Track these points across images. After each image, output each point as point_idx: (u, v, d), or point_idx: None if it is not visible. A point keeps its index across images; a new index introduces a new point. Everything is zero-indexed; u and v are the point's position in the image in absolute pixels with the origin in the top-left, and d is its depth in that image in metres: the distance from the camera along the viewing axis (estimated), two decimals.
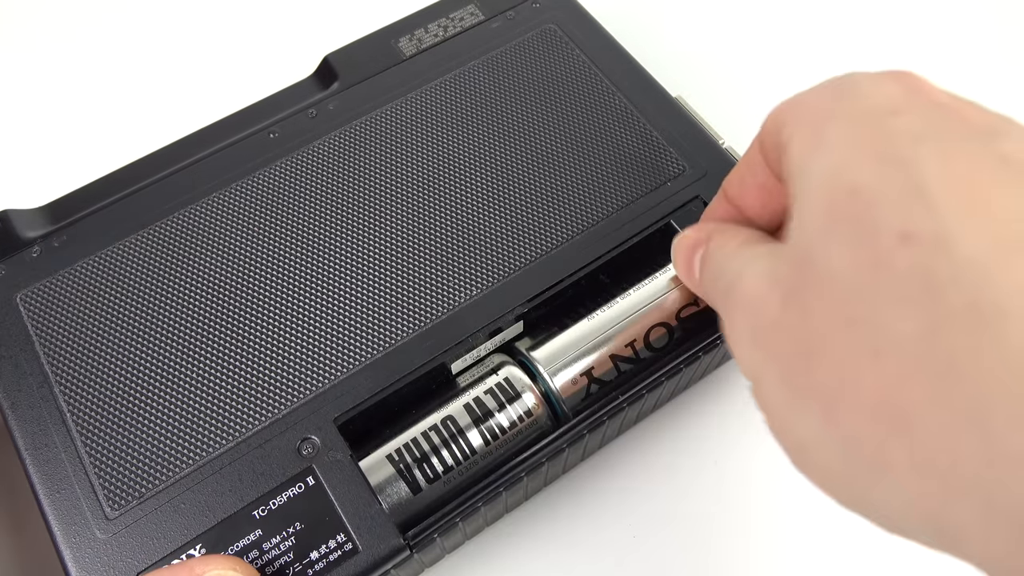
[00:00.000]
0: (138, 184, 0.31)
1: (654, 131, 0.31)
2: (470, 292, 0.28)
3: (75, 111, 0.42)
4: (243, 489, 0.25)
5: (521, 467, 0.25)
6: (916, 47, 0.42)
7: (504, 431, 0.26)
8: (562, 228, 0.29)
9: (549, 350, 0.27)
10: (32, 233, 0.30)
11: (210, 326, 0.27)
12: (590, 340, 0.27)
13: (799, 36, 0.43)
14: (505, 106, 0.32)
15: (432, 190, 0.30)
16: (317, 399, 0.26)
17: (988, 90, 0.40)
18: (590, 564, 0.29)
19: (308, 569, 0.24)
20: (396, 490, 0.25)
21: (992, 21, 0.43)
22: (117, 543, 0.24)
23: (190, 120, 0.34)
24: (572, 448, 0.27)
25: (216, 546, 0.24)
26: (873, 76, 0.18)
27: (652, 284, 0.28)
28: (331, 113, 0.32)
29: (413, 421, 0.26)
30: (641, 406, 0.28)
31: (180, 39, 0.44)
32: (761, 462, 0.30)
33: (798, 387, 0.17)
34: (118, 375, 0.27)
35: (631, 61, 0.34)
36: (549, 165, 0.31)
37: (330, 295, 0.28)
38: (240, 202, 0.30)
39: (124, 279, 0.28)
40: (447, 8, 0.35)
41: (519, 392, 0.27)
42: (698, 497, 0.30)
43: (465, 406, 0.26)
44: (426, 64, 0.34)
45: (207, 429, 0.26)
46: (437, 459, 0.25)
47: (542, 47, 0.34)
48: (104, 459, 0.25)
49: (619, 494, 0.30)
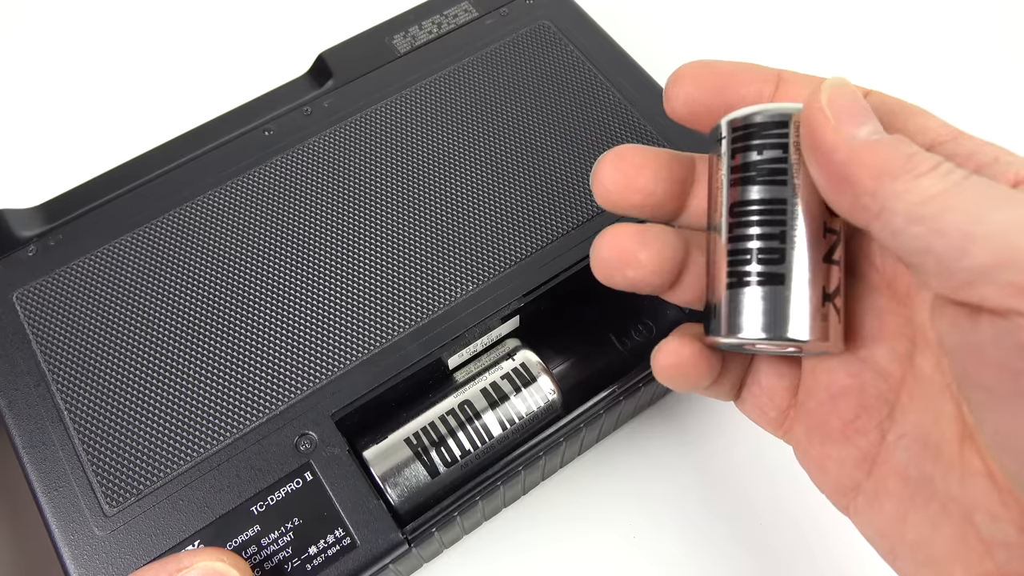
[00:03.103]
0: (133, 183, 0.31)
1: (648, 126, 0.31)
2: (466, 288, 0.28)
3: (70, 110, 0.42)
4: (241, 485, 0.25)
5: (518, 460, 0.26)
6: (915, 45, 0.42)
7: (521, 416, 0.26)
8: (557, 224, 0.29)
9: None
10: (28, 232, 0.30)
11: (206, 323, 0.27)
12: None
13: (793, 32, 0.43)
14: (500, 102, 0.32)
15: (427, 187, 0.30)
16: (314, 395, 0.26)
17: (987, 90, 0.41)
18: (590, 564, 0.29)
19: (307, 564, 0.24)
20: (414, 473, 0.25)
21: (992, 21, 0.43)
22: (115, 540, 0.24)
23: (185, 118, 0.34)
24: (569, 442, 0.27)
25: (214, 542, 0.24)
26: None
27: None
28: (326, 111, 0.32)
29: (418, 411, 0.27)
30: (637, 400, 0.29)
31: (175, 38, 0.44)
32: (762, 462, 0.30)
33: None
34: (115, 373, 0.27)
35: (625, 56, 0.34)
36: (544, 161, 0.31)
37: (326, 291, 0.28)
38: (235, 200, 0.30)
39: (120, 277, 0.28)
40: (441, 5, 0.35)
41: (535, 376, 0.27)
42: (698, 497, 0.30)
43: (482, 391, 0.27)
44: (420, 61, 0.34)
45: (204, 426, 0.26)
46: (454, 442, 0.26)
47: (536, 43, 0.34)
48: (102, 457, 0.25)
49: (619, 494, 0.30)
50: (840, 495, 0.21)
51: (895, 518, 0.20)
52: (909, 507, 0.19)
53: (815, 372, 0.22)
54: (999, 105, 0.40)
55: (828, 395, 0.21)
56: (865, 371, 0.21)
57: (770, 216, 0.19)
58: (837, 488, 0.21)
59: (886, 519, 0.20)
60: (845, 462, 0.21)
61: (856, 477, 0.21)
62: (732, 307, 0.20)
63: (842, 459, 0.21)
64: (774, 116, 0.19)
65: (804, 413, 0.22)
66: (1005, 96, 0.40)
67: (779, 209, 0.19)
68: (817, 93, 0.18)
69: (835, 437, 0.21)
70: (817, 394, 0.21)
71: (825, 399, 0.21)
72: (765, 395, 0.23)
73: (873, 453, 0.20)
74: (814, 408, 0.21)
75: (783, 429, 0.23)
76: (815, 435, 0.21)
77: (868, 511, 0.21)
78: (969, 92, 0.40)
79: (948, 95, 0.40)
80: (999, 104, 0.40)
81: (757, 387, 0.23)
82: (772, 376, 0.23)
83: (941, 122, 0.19)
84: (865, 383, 0.21)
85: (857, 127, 0.18)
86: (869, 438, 0.20)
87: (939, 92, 0.40)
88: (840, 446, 0.21)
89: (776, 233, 0.19)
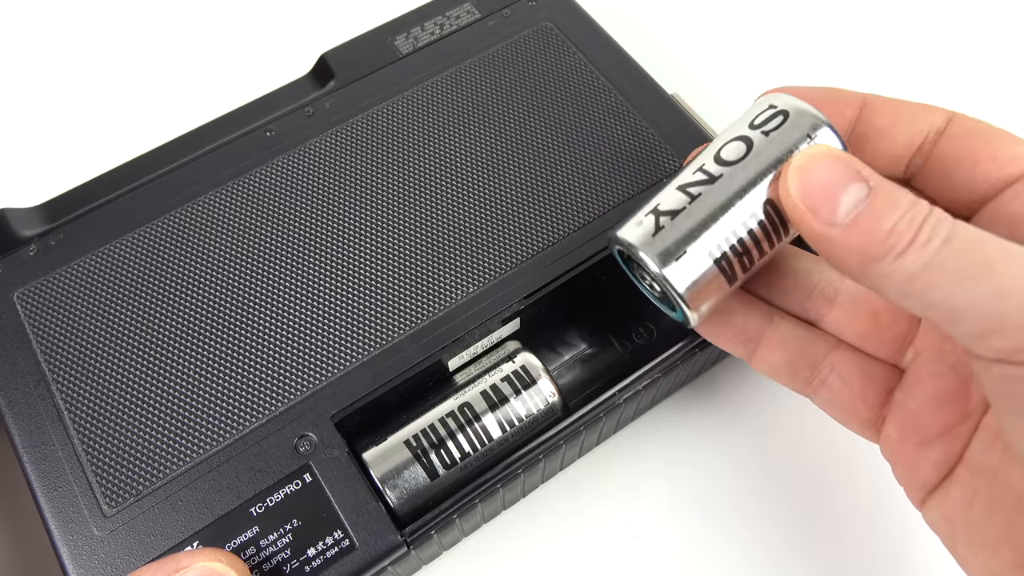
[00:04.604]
0: (135, 183, 0.31)
1: (650, 128, 0.31)
2: (467, 289, 0.28)
3: (71, 110, 0.42)
4: (240, 486, 0.25)
5: (518, 463, 0.26)
6: (914, 44, 0.42)
7: (521, 419, 0.26)
8: (558, 225, 0.29)
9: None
10: (29, 232, 0.30)
11: (206, 324, 0.27)
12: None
13: (795, 33, 0.43)
14: (501, 104, 0.32)
15: (428, 188, 0.30)
16: (314, 396, 0.26)
17: (987, 90, 0.41)
18: (590, 564, 0.29)
19: (305, 566, 0.24)
20: (413, 475, 0.25)
21: (991, 21, 0.43)
22: (115, 541, 0.24)
23: (187, 118, 0.34)
24: (569, 444, 0.27)
25: (213, 543, 0.24)
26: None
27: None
28: (328, 111, 0.32)
29: (418, 413, 0.26)
30: (637, 403, 0.29)
31: (177, 38, 0.44)
32: (762, 462, 0.30)
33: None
34: (115, 373, 0.27)
35: (627, 58, 0.34)
36: (545, 162, 0.31)
37: (327, 292, 0.28)
38: (237, 200, 0.30)
39: (121, 277, 0.28)
40: (443, 6, 0.35)
41: (535, 379, 0.27)
42: (698, 497, 0.30)
43: (482, 393, 0.27)
44: (422, 62, 0.34)
45: (204, 426, 0.26)
46: (454, 444, 0.26)
47: (538, 45, 0.34)
48: (101, 457, 0.25)
49: (619, 494, 0.30)
50: (923, 491, 0.22)
51: (961, 504, 0.21)
52: (973, 494, 0.20)
53: (920, 374, 0.22)
54: (1000, 105, 0.40)
55: (934, 397, 0.22)
56: (972, 377, 0.21)
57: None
58: (922, 484, 0.22)
59: (952, 505, 0.21)
60: (939, 462, 0.21)
61: (942, 474, 0.21)
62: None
63: (936, 460, 0.21)
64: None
65: (902, 413, 0.22)
66: (1005, 97, 0.40)
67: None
68: (786, 182, 0.19)
69: (933, 439, 0.22)
70: (919, 395, 0.22)
71: (929, 401, 0.22)
72: (858, 397, 0.23)
73: (961, 452, 0.21)
74: (915, 409, 0.22)
75: (873, 428, 0.23)
76: (911, 435, 0.22)
77: (937, 498, 0.21)
78: (970, 92, 0.40)
79: (950, 94, 0.40)
80: (1000, 104, 0.40)
81: (847, 389, 0.23)
82: (864, 378, 0.23)
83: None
84: (972, 390, 0.21)
85: (834, 210, 0.18)
86: (963, 440, 0.21)
87: (940, 91, 0.40)
88: (937, 448, 0.21)
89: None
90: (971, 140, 0.21)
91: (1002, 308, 0.16)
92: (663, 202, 0.22)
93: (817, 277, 0.24)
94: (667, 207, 0.21)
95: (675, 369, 0.28)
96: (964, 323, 0.17)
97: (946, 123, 0.21)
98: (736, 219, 0.21)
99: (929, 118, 0.21)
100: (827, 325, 0.24)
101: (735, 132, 0.22)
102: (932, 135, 0.21)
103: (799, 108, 0.21)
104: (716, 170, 0.21)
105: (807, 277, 0.24)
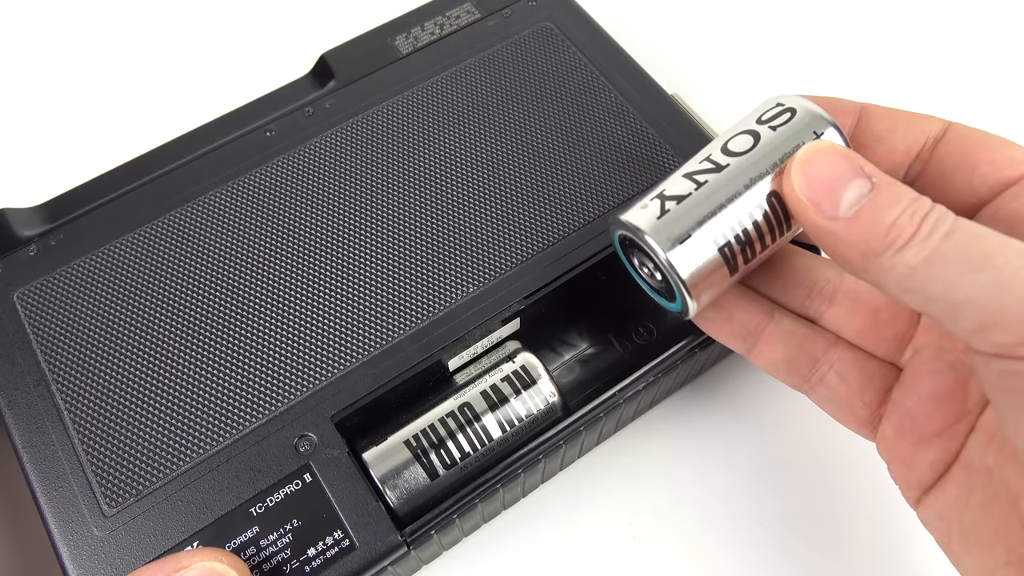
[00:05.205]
0: (135, 183, 0.31)
1: (650, 128, 0.31)
2: (467, 289, 0.28)
3: (72, 110, 0.42)
4: (240, 486, 0.25)
5: (518, 463, 0.26)
6: (913, 43, 0.42)
7: (521, 419, 0.26)
8: (558, 225, 0.29)
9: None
10: (29, 232, 0.30)
11: (206, 324, 0.27)
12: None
13: (794, 33, 0.43)
14: (501, 104, 0.32)
15: (428, 188, 0.30)
16: (314, 396, 0.26)
17: (987, 90, 0.41)
18: (590, 564, 0.29)
19: (305, 566, 0.24)
20: (413, 475, 0.25)
21: (991, 21, 0.43)
22: (115, 541, 0.24)
23: (187, 118, 0.34)
24: (569, 444, 0.27)
25: (213, 543, 0.24)
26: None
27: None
28: (328, 111, 0.32)
29: (418, 413, 0.26)
30: (637, 403, 0.29)
31: (177, 37, 0.44)
32: (763, 462, 0.30)
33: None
34: (115, 373, 0.27)
35: (627, 58, 0.34)
36: (545, 162, 0.31)
37: (327, 292, 0.28)
38: (237, 200, 0.30)
39: (121, 277, 0.28)
40: (443, 6, 0.35)
41: (535, 379, 0.27)
42: (698, 497, 0.30)
43: (482, 393, 0.27)
44: (422, 62, 0.34)
45: (204, 426, 0.26)
46: (454, 444, 0.26)
47: (538, 45, 0.34)
48: (101, 457, 0.25)
49: (619, 494, 0.30)
50: (919, 490, 0.22)
51: (956, 503, 0.21)
52: (968, 493, 0.20)
53: (918, 372, 0.22)
54: (998, 106, 0.40)
55: (931, 396, 0.22)
56: (971, 376, 0.21)
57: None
58: (918, 483, 0.22)
59: (947, 504, 0.21)
60: (935, 462, 0.21)
61: (938, 473, 0.21)
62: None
63: (933, 459, 0.22)
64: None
65: (899, 412, 0.22)
66: (1004, 97, 0.40)
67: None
68: (790, 175, 0.20)
69: (930, 438, 0.22)
70: (917, 393, 0.22)
71: (927, 399, 0.22)
72: (855, 395, 0.23)
73: (957, 451, 0.21)
74: (912, 407, 0.22)
75: (871, 426, 0.24)
76: (908, 433, 0.22)
77: (933, 497, 0.22)
78: (966, 95, 0.40)
79: (945, 98, 0.40)
80: (998, 105, 0.40)
81: (845, 387, 0.24)
82: (862, 375, 0.23)
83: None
84: (970, 389, 0.21)
85: (836, 204, 0.19)
86: (959, 440, 0.21)
87: (936, 95, 0.40)
88: (934, 446, 0.22)
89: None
90: (969, 145, 0.21)
91: (1002, 301, 0.17)
92: (669, 188, 0.22)
93: (817, 274, 0.24)
94: (673, 192, 0.22)
95: (675, 369, 0.28)
96: (964, 317, 0.17)
97: (943, 131, 0.22)
98: (741, 209, 0.21)
99: (927, 126, 0.22)
100: (827, 322, 0.24)
101: (743, 127, 0.22)
102: (930, 142, 0.22)
103: (807, 107, 0.21)
104: (723, 160, 0.21)
105: (807, 274, 0.25)
